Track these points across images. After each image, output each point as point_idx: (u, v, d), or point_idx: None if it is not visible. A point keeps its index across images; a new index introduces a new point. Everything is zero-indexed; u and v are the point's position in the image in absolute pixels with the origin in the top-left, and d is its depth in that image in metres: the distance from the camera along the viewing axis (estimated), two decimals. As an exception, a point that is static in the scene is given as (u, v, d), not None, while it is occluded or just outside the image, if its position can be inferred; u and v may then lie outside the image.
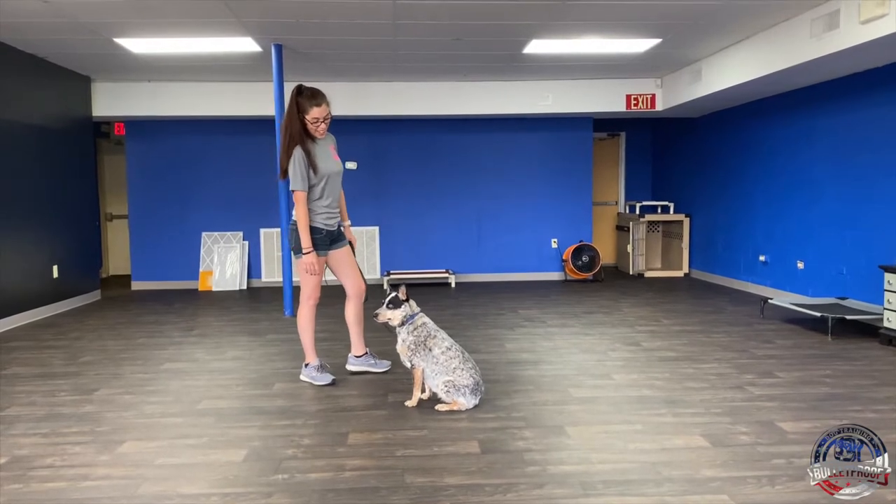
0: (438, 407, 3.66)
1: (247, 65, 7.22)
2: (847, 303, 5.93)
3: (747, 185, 7.99)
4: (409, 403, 3.76)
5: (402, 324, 3.78)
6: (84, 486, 2.79)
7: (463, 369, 3.64)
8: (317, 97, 4.04)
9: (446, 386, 3.62)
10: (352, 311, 4.45)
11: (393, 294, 3.81)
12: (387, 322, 3.81)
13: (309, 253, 4.07)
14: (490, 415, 3.61)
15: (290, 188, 4.07)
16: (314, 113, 4.02)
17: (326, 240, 4.21)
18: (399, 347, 3.81)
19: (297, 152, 4.01)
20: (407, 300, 3.80)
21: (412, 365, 3.76)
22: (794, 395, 3.90)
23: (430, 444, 3.21)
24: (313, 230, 4.11)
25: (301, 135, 4.05)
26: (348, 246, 4.41)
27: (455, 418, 3.55)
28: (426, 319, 3.83)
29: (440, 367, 3.66)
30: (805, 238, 6.92)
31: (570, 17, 5.66)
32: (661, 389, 4.04)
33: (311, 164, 4.04)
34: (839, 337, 5.35)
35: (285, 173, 4.07)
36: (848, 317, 5.41)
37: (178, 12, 5.39)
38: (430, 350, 3.69)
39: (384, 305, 3.80)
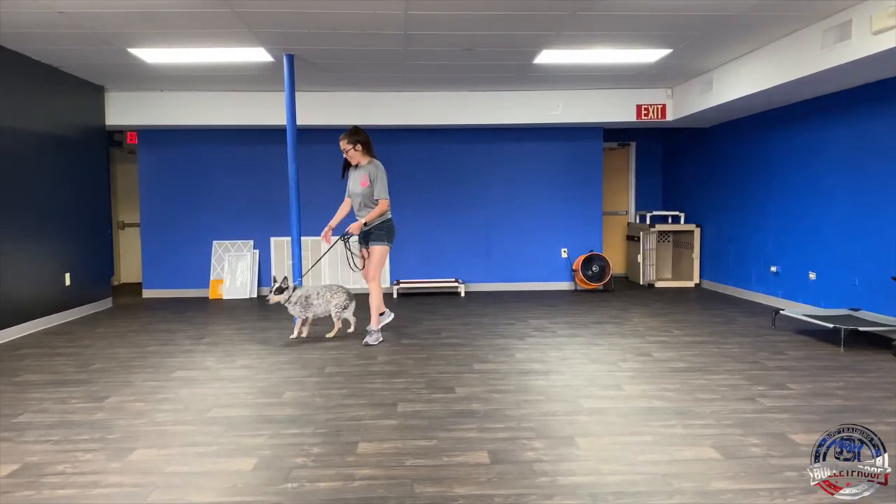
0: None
1: (259, 75, 7.27)
2: (860, 314, 5.89)
3: (758, 195, 7.96)
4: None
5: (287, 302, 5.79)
6: (95, 494, 2.80)
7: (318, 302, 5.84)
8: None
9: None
10: None
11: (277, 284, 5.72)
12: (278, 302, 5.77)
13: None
14: (500, 425, 3.60)
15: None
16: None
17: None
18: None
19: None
20: (287, 287, 5.77)
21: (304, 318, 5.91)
22: (806, 407, 3.87)
23: (439, 454, 3.20)
24: None
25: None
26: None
27: (465, 428, 3.55)
28: (301, 291, 5.80)
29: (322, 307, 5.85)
30: (817, 249, 6.89)
31: (580, 28, 5.67)
32: (671, 400, 4.02)
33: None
34: (852, 348, 5.31)
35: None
36: (861, 328, 5.36)
37: (192, 23, 5.44)
38: (311, 304, 5.83)
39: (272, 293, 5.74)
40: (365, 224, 5.64)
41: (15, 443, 3.40)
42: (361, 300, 6.36)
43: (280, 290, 5.68)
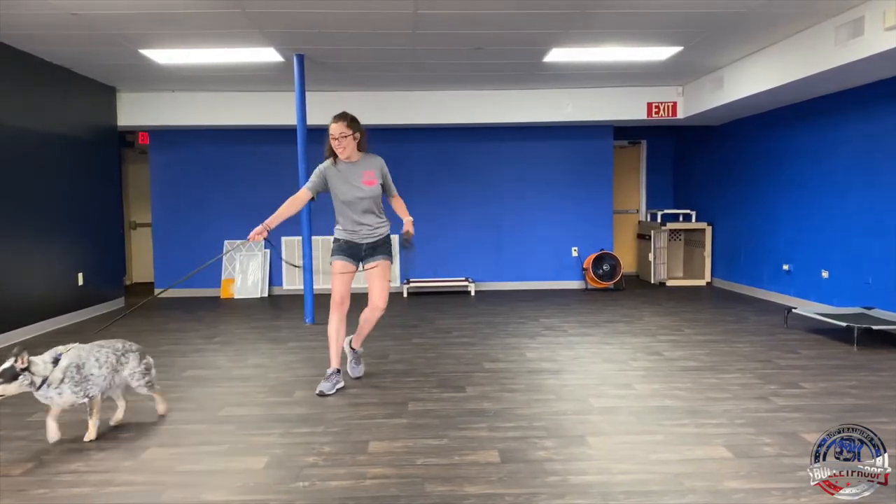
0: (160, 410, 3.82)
1: (269, 75, 7.30)
2: (873, 312, 5.84)
3: (770, 193, 7.91)
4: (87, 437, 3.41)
5: (42, 386, 3.24)
6: (108, 492, 2.82)
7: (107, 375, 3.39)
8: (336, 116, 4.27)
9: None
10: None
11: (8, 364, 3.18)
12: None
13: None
14: (511, 424, 3.60)
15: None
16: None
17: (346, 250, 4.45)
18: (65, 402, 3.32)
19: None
20: (27, 366, 3.19)
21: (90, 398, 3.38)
22: (818, 406, 3.84)
23: (450, 453, 3.20)
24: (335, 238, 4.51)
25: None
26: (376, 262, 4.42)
27: (475, 427, 3.55)
28: (69, 360, 3.35)
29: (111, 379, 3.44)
30: (830, 247, 6.83)
31: (591, 26, 5.66)
32: (683, 399, 4.01)
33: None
34: (865, 347, 5.27)
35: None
36: (874, 327, 5.32)
37: (202, 24, 5.47)
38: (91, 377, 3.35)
39: None
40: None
41: (29, 441, 3.44)
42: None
43: (12, 376, 3.16)
